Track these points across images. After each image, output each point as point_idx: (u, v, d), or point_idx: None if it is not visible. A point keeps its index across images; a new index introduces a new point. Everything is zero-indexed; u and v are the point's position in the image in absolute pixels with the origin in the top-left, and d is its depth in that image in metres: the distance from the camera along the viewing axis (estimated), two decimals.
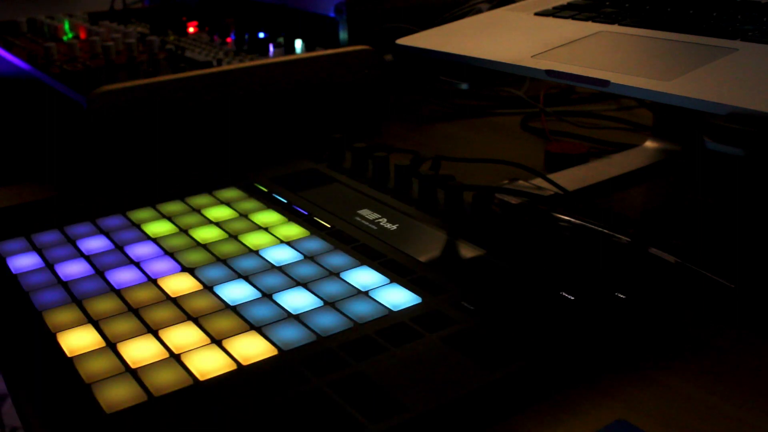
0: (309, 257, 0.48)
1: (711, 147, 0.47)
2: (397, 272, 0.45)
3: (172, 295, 0.44)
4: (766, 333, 0.43)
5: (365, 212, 0.53)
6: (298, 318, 0.41)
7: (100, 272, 0.46)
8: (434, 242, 0.49)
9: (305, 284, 0.45)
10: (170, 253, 0.49)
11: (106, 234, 0.51)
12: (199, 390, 0.35)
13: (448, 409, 0.34)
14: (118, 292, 0.44)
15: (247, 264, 0.47)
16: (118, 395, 0.35)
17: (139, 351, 0.38)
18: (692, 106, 0.46)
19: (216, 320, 0.41)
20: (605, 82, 0.50)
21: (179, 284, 0.45)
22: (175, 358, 0.38)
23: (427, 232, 0.50)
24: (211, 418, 0.33)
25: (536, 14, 0.68)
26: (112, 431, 0.33)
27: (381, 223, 0.51)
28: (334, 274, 0.46)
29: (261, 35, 0.86)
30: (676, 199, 0.64)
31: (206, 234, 0.51)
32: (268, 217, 0.54)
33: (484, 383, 0.36)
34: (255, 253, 0.48)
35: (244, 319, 0.41)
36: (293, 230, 0.51)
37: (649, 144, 0.72)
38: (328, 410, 0.34)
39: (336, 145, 0.64)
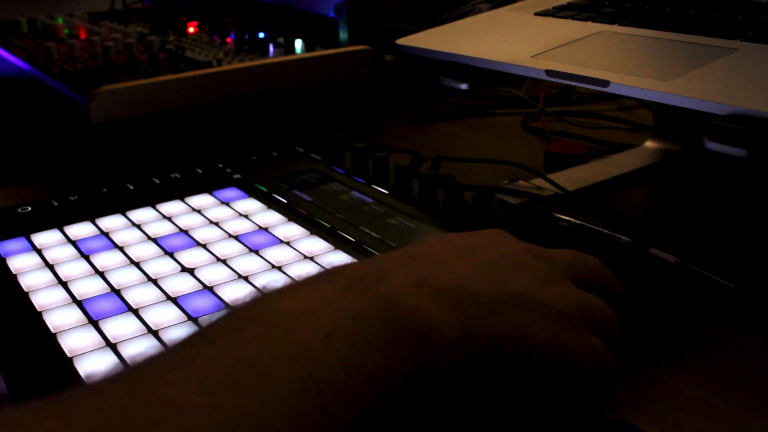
0: (309, 257, 0.48)
1: (711, 147, 0.47)
2: None
3: (173, 296, 0.44)
4: (766, 333, 0.43)
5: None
6: None
7: (100, 272, 0.46)
8: None
9: None
10: (170, 253, 0.49)
11: (106, 234, 0.51)
12: None
13: None
14: (118, 292, 0.44)
15: (247, 264, 0.47)
16: None
17: (140, 351, 0.38)
18: (692, 106, 0.46)
19: None
20: (605, 82, 0.50)
21: (179, 284, 0.45)
22: None
23: (427, 232, 0.50)
24: None
25: (536, 14, 0.68)
26: None
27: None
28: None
29: (261, 35, 0.86)
30: (676, 199, 0.64)
31: (206, 234, 0.51)
32: (268, 217, 0.54)
33: None
34: (255, 253, 0.49)
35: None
36: (293, 230, 0.51)
37: (649, 144, 0.72)
38: None
39: (336, 145, 0.64)
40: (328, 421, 0.24)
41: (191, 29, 0.96)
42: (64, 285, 0.45)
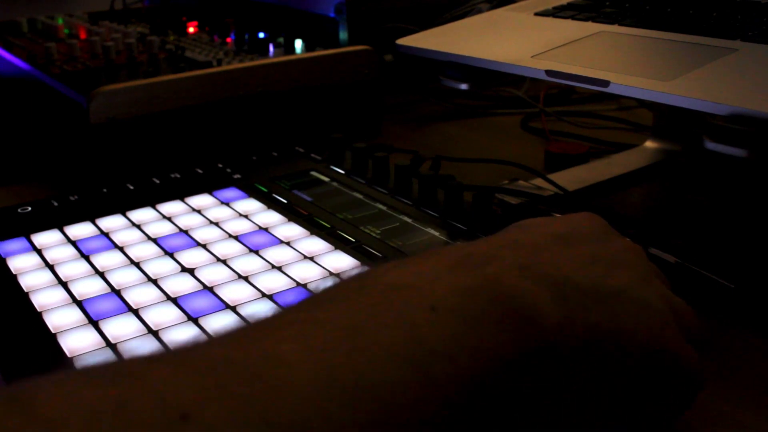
0: (309, 257, 0.48)
1: (711, 147, 0.47)
2: None
3: (173, 296, 0.44)
4: (766, 333, 0.43)
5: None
6: None
7: (100, 272, 0.46)
8: (434, 243, 0.49)
9: (305, 285, 0.45)
10: (170, 254, 0.49)
11: (106, 234, 0.51)
12: None
13: None
14: (118, 292, 0.44)
15: (247, 264, 0.47)
16: None
17: (140, 351, 0.38)
18: (692, 106, 0.46)
19: (216, 321, 0.41)
20: (605, 82, 0.50)
21: (179, 284, 0.45)
22: None
23: (427, 232, 0.50)
24: None
25: (536, 14, 0.68)
26: None
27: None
28: (335, 274, 0.46)
29: (261, 35, 0.86)
30: (676, 199, 0.64)
31: (206, 234, 0.51)
32: (268, 217, 0.54)
33: None
34: (255, 253, 0.49)
35: (244, 320, 0.41)
36: (293, 230, 0.51)
37: (649, 144, 0.72)
38: None
39: (336, 145, 0.64)
40: (433, 388, 0.25)
41: (191, 29, 0.96)
42: (64, 285, 0.45)
